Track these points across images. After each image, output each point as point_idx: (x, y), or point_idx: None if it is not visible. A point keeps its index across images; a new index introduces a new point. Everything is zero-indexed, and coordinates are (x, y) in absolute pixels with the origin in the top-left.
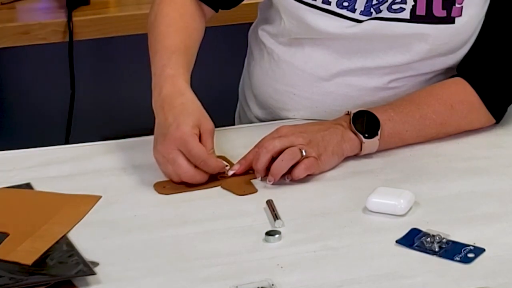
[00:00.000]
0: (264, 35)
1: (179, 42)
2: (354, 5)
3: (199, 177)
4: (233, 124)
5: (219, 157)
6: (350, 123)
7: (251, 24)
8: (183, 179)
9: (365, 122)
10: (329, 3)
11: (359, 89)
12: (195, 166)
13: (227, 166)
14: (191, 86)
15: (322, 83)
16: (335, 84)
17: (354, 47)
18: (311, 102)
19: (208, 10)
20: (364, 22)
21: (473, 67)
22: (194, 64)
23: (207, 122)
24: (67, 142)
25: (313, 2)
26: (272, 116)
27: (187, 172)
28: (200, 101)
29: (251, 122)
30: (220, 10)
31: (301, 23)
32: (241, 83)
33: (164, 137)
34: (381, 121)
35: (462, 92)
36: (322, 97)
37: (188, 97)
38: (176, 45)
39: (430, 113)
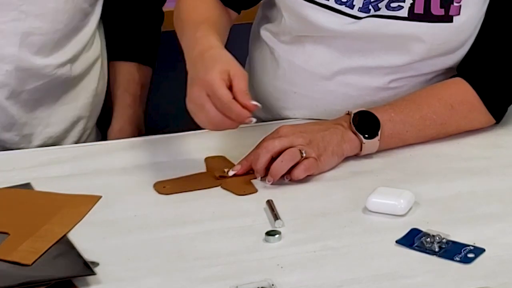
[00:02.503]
0: (265, 34)
1: (206, 18)
2: (353, 1)
3: (228, 123)
4: None
5: (219, 157)
6: (350, 123)
7: (251, 23)
8: (213, 126)
9: (365, 123)
10: None
11: (360, 88)
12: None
13: (250, 117)
14: None
15: (323, 82)
16: (336, 83)
17: (354, 45)
18: (311, 100)
19: (231, 12)
20: (363, 20)
21: (473, 67)
22: None
23: (238, 68)
24: None
25: None
26: (272, 116)
27: (215, 117)
28: None
29: None
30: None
31: (301, 19)
32: None
33: (193, 84)
34: (381, 122)
35: (462, 92)
36: (322, 95)
37: (217, 49)
38: (203, 18)
39: (430, 114)
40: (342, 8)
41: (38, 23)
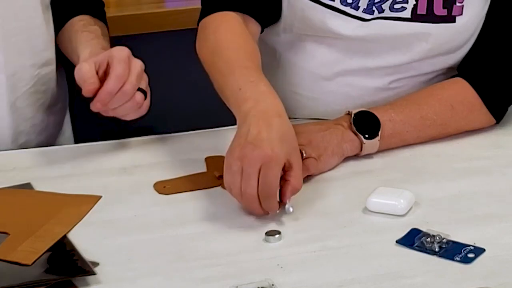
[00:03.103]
0: (267, 33)
1: (258, 65)
2: (358, 3)
3: (256, 206)
4: (235, 124)
5: (219, 157)
6: (350, 123)
7: None
8: (242, 198)
9: (365, 123)
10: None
11: (360, 88)
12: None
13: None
14: (196, 85)
15: (324, 82)
16: (336, 83)
17: (356, 46)
18: (311, 101)
19: (255, 31)
20: (370, 24)
21: (473, 67)
22: (196, 63)
23: (298, 156)
24: None
25: None
26: None
27: (252, 193)
28: (202, 100)
29: None
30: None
31: (303, 19)
32: None
33: (254, 147)
34: (381, 122)
35: (463, 92)
36: (323, 96)
37: (285, 121)
38: (257, 66)
39: (430, 114)
40: (347, 9)
41: (15, 24)
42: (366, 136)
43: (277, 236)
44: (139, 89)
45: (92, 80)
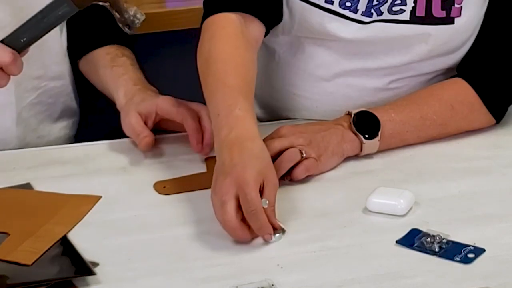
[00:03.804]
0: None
1: (241, 81)
2: (357, 6)
3: (241, 232)
4: None
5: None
6: (350, 123)
7: None
8: (225, 228)
9: (365, 123)
10: (332, 3)
11: (360, 89)
12: (242, 218)
13: (281, 231)
14: (197, 85)
15: (323, 83)
16: (336, 85)
17: (355, 48)
18: (311, 102)
19: (259, 33)
20: (368, 27)
21: (473, 68)
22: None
23: (273, 175)
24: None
25: (316, 1)
26: (272, 116)
27: (231, 221)
28: (202, 100)
29: None
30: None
31: (302, 22)
32: None
33: (225, 176)
34: (381, 122)
35: (463, 92)
36: (322, 97)
37: (258, 144)
38: (239, 84)
39: (430, 114)
40: (346, 12)
41: None
42: (366, 136)
43: (277, 236)
44: None
45: (145, 134)
